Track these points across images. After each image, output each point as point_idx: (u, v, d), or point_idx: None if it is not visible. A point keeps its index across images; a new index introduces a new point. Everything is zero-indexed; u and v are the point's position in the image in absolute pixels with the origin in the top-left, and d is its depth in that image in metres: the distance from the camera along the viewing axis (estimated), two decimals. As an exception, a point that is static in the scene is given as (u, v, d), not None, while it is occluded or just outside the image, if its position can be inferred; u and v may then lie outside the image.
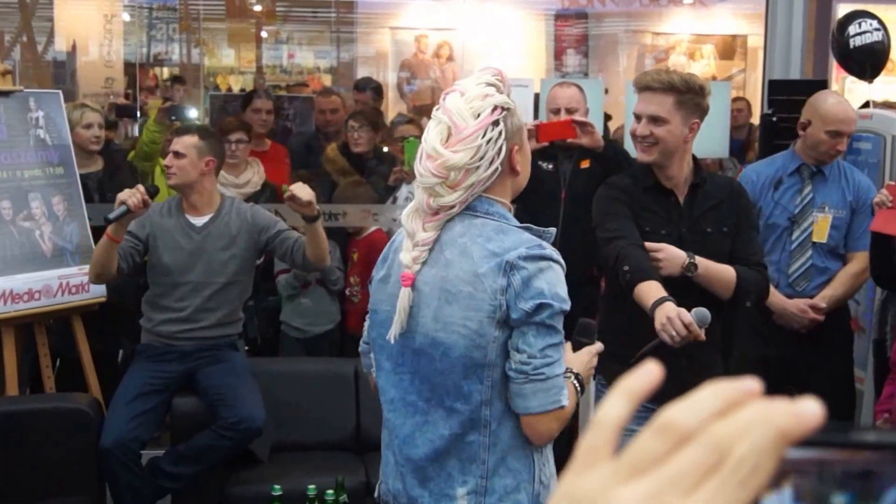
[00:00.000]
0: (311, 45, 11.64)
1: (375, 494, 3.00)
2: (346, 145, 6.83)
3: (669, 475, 0.62)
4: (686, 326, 3.47)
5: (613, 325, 3.85)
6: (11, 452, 4.67)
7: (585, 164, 5.26)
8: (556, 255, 2.70)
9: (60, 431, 4.77)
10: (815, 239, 4.93)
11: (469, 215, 2.72)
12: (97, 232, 5.61)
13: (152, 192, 4.83)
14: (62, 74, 10.26)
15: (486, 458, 2.71)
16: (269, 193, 6.35)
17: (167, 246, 5.00)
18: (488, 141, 2.62)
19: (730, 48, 11.37)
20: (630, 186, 4.00)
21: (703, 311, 3.50)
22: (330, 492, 4.24)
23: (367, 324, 3.02)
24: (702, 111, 3.91)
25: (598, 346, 2.98)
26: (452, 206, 2.68)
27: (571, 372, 2.82)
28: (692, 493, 0.61)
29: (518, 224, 2.76)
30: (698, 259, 3.84)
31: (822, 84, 5.42)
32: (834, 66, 7.07)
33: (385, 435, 2.91)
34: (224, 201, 5.14)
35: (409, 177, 6.27)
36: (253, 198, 6.13)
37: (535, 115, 6.45)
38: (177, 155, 4.98)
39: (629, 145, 4.49)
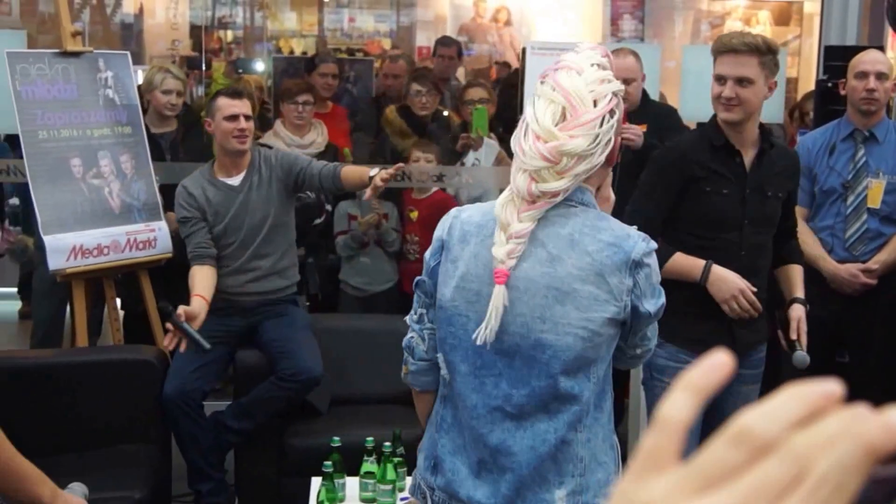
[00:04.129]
0: (372, 8, 11.61)
1: (426, 501, 2.71)
2: (403, 107, 6.83)
3: (744, 491, 0.55)
4: (751, 304, 3.75)
5: (672, 282, 3.82)
6: (82, 401, 4.74)
7: (643, 129, 5.24)
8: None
9: (128, 382, 4.83)
10: (869, 204, 4.88)
11: (564, 205, 2.47)
12: (164, 190, 5.67)
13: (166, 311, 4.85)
14: (129, 36, 10.32)
15: (583, 455, 2.54)
16: (332, 154, 6.38)
17: (216, 216, 5.02)
18: (606, 130, 2.41)
19: (786, 14, 11.22)
20: (694, 146, 4.00)
21: (803, 357, 3.79)
22: (387, 444, 4.26)
23: (417, 339, 2.75)
24: (777, 70, 3.92)
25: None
26: (556, 195, 2.42)
27: None
28: None
29: None
30: (802, 294, 4.09)
31: (880, 50, 5.33)
32: (890, 32, 6.95)
33: (450, 441, 2.66)
34: (253, 155, 5.15)
35: (477, 144, 6.26)
36: (316, 158, 6.15)
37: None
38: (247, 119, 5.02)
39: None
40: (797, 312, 4.03)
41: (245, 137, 4.99)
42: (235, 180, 5.06)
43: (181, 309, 4.56)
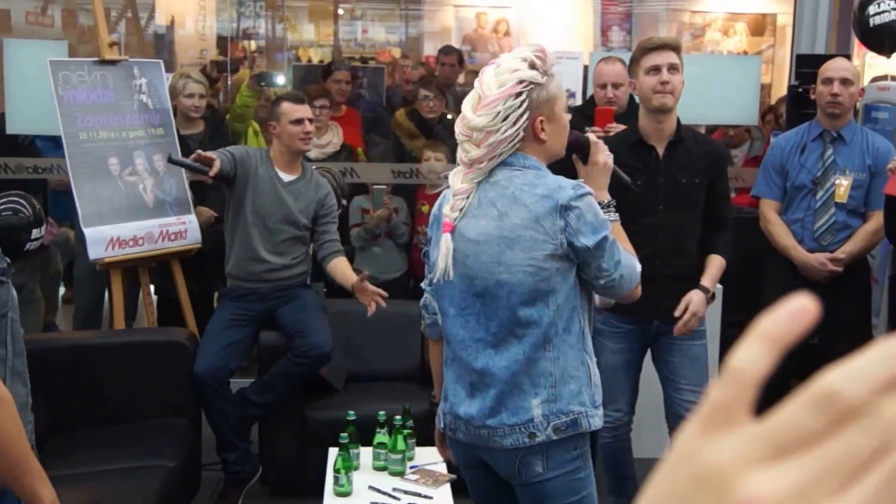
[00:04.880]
0: (383, 21, 11.63)
1: (441, 426, 3.06)
2: (411, 111, 6.83)
3: (823, 461, 0.45)
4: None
5: None
6: (119, 379, 4.75)
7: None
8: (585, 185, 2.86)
9: (161, 361, 4.83)
10: (836, 199, 4.88)
11: (508, 169, 2.82)
12: (194, 186, 5.69)
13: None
14: (162, 46, 10.32)
15: (552, 370, 2.83)
16: (346, 154, 6.38)
17: (255, 188, 4.98)
18: (508, 107, 2.73)
19: (760, 25, 11.23)
20: (614, 145, 4.06)
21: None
22: (398, 417, 4.27)
23: (430, 298, 3.10)
24: None
25: (593, 141, 3.07)
26: (480, 162, 2.81)
27: (605, 206, 3.00)
28: (848, 488, 0.44)
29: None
30: (707, 283, 4.17)
31: (847, 58, 5.33)
32: (856, 42, 6.94)
33: (452, 372, 2.98)
34: (305, 168, 5.15)
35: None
36: (332, 157, 6.15)
37: (585, 84, 6.44)
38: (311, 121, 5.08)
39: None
40: (690, 295, 4.12)
41: (310, 139, 5.04)
42: (286, 177, 5.05)
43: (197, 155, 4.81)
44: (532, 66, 2.77)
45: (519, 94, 2.74)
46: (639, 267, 2.92)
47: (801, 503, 0.44)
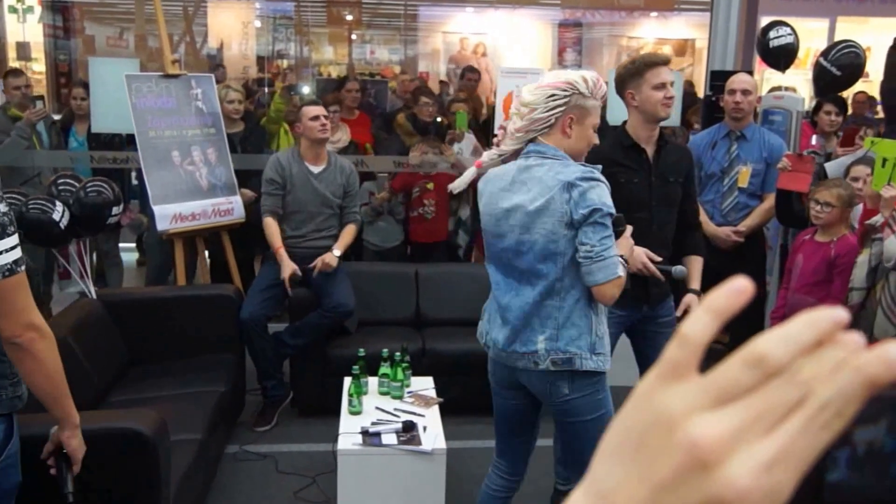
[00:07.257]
0: (386, 44, 11.56)
1: (483, 342, 3.07)
2: (410, 114, 6.81)
3: (753, 409, 0.46)
4: (650, 271, 3.40)
5: None
6: (181, 324, 4.76)
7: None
8: (601, 176, 2.78)
9: (214, 310, 4.85)
10: (739, 184, 4.90)
11: (541, 157, 2.82)
12: (237, 173, 5.68)
13: (295, 281, 4.90)
14: (213, 64, 10.28)
15: (557, 316, 2.82)
16: (353, 148, 6.36)
17: (294, 186, 4.97)
18: (549, 96, 2.78)
19: (682, 48, 11.21)
20: (608, 149, 3.66)
21: (682, 270, 3.44)
22: (398, 353, 4.29)
23: None
24: None
25: (629, 230, 2.99)
26: (520, 132, 2.85)
27: (619, 255, 2.85)
28: (773, 430, 0.45)
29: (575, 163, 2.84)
30: (696, 286, 3.77)
31: (749, 73, 5.33)
32: (757, 60, 6.94)
33: (490, 305, 3.02)
34: (330, 156, 5.12)
35: (460, 137, 6.23)
36: (341, 151, 6.12)
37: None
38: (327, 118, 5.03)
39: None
40: (688, 299, 3.70)
41: (326, 130, 4.97)
42: (315, 168, 5.01)
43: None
44: (584, 81, 2.80)
45: (563, 90, 2.78)
46: (621, 271, 2.77)
47: (735, 442, 0.45)
